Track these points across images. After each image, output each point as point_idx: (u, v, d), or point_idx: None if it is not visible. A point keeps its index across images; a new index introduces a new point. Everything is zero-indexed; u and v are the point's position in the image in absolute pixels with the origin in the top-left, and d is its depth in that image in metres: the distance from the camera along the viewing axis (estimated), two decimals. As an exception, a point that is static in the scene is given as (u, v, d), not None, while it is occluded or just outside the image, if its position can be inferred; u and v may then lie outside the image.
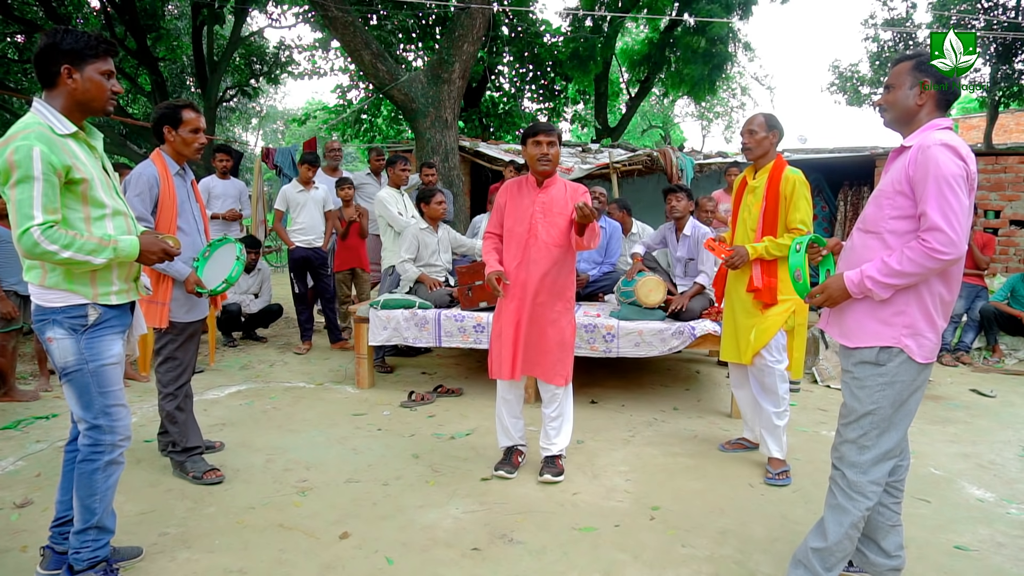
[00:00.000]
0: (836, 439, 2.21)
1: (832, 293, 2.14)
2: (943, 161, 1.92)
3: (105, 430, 2.17)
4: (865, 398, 2.09)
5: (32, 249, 1.97)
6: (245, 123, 27.56)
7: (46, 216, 1.98)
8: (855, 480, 2.11)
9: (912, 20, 10.69)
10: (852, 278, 2.08)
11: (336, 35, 7.35)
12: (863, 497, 2.11)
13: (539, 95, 14.10)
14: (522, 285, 3.11)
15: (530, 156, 3.09)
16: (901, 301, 2.04)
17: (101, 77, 2.13)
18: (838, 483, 2.17)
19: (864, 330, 2.10)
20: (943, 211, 1.91)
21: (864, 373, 2.10)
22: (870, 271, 2.04)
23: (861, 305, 2.12)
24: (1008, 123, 16.70)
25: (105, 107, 2.18)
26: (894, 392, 2.06)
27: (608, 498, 3.05)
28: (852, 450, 2.13)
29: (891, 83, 2.13)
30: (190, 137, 3.01)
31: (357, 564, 2.45)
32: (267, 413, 4.24)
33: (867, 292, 2.06)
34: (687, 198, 4.54)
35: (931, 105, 2.07)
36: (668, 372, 5.44)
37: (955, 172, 1.92)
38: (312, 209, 5.85)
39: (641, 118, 24.10)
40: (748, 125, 3.24)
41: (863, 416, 2.10)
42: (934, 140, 1.96)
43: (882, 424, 2.08)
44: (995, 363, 5.96)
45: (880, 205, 2.09)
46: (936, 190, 1.92)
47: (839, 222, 8.68)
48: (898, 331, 2.04)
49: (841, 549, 2.14)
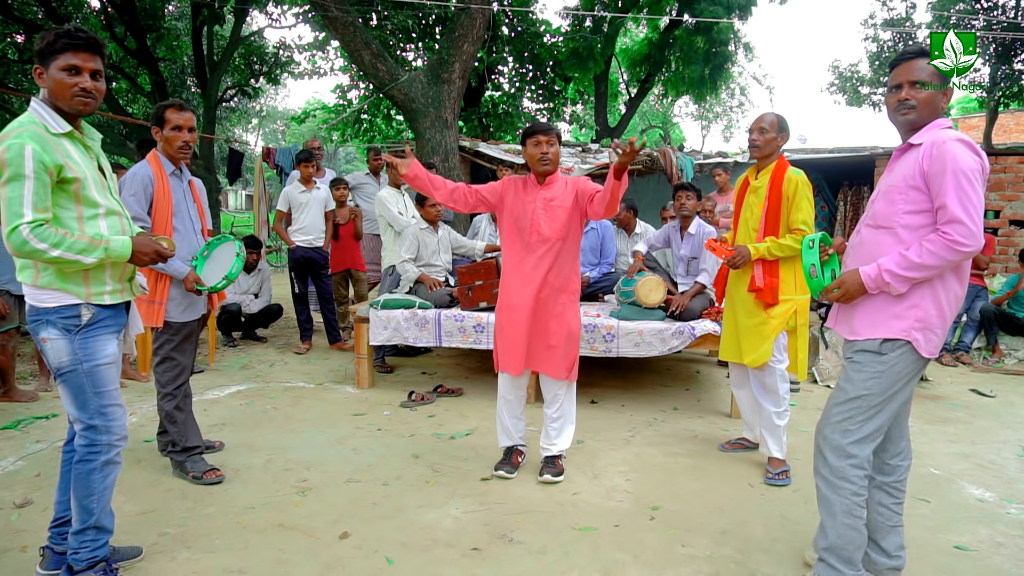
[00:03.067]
0: (821, 420, 2.23)
1: (849, 288, 2.13)
2: (961, 155, 1.94)
3: (101, 430, 2.17)
4: (859, 382, 2.12)
5: (21, 247, 1.97)
6: (245, 123, 27.57)
7: (36, 214, 1.98)
8: (836, 465, 2.13)
9: (912, 20, 10.69)
10: (869, 273, 2.08)
11: (336, 35, 7.35)
12: (846, 482, 2.12)
13: (539, 95, 14.10)
14: (525, 279, 3.10)
15: (530, 156, 3.09)
16: (915, 295, 2.05)
17: (62, 74, 2.05)
18: (821, 473, 2.19)
19: (875, 323, 2.11)
20: (963, 203, 1.93)
21: (864, 359, 2.12)
22: (888, 265, 2.03)
23: (873, 302, 2.12)
24: (1008, 123, 16.71)
25: (72, 104, 2.08)
26: (887, 381, 2.09)
27: (608, 498, 3.04)
28: (835, 432, 2.15)
29: (924, 80, 2.05)
30: (172, 135, 2.99)
31: (357, 564, 2.45)
32: (267, 413, 4.23)
33: (884, 286, 2.06)
34: (696, 197, 4.58)
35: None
36: (668, 372, 5.44)
37: (972, 166, 1.94)
38: (314, 209, 5.85)
39: (641, 118, 24.10)
40: (759, 123, 3.23)
41: (852, 399, 2.12)
42: (949, 136, 1.98)
43: (869, 411, 2.11)
44: (995, 363, 5.96)
45: (892, 200, 2.09)
46: (955, 183, 1.93)
47: (839, 222, 8.68)
48: (909, 324, 2.05)
49: (848, 541, 2.13)
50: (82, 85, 2.08)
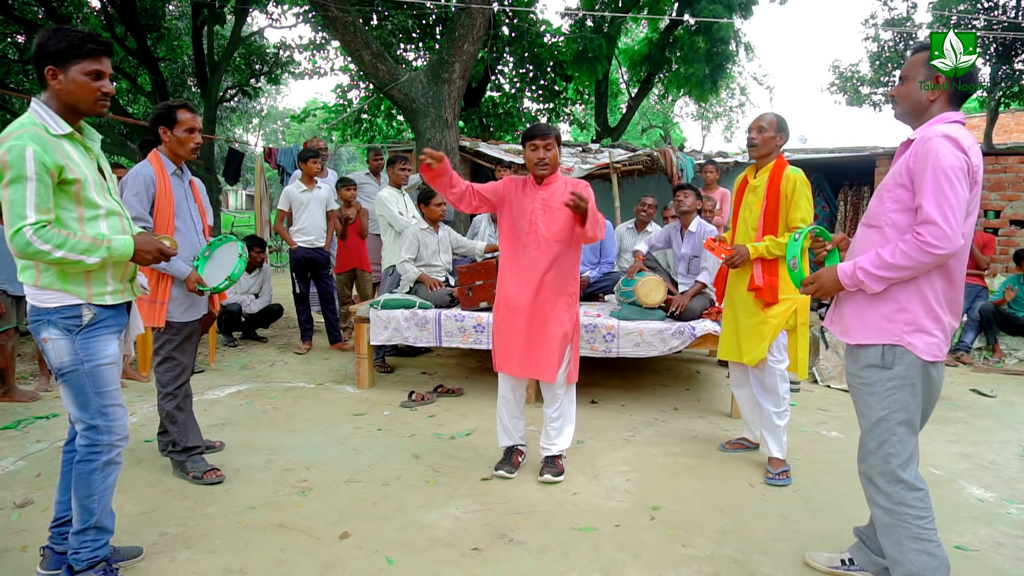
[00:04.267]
0: (859, 455, 2.13)
1: (824, 284, 2.11)
2: (943, 153, 1.86)
3: (102, 430, 2.17)
4: (875, 404, 2.02)
5: (25, 249, 1.97)
6: (246, 123, 27.57)
7: (39, 216, 1.98)
8: (890, 491, 2.01)
9: (912, 20, 10.69)
10: (845, 269, 2.05)
11: (336, 35, 7.35)
12: (905, 507, 2.00)
13: (539, 95, 14.10)
14: (523, 281, 3.10)
15: (528, 160, 3.10)
16: (902, 297, 1.99)
17: (86, 78, 2.08)
18: (878, 503, 2.06)
19: (866, 326, 2.05)
20: (939, 204, 1.85)
21: (873, 377, 2.03)
22: (863, 263, 1.99)
23: (862, 300, 2.06)
24: (1008, 123, 16.71)
25: (94, 108, 2.14)
26: (906, 395, 1.99)
27: (608, 498, 3.04)
28: (878, 459, 2.03)
29: (905, 74, 2.05)
30: (185, 137, 3.00)
31: (357, 564, 2.45)
32: (267, 413, 4.24)
33: (860, 284, 2.01)
34: (695, 196, 4.58)
35: (943, 100, 2.00)
36: (668, 372, 5.44)
37: (954, 164, 1.85)
38: (315, 209, 5.85)
39: (641, 118, 24.11)
40: (758, 122, 3.24)
41: (878, 422, 2.02)
42: (936, 132, 1.90)
43: (899, 429, 2.00)
44: (995, 363, 5.96)
45: (882, 199, 2.05)
46: (934, 182, 1.86)
47: (839, 222, 8.69)
48: (900, 327, 1.99)
49: (923, 566, 1.98)
50: (104, 89, 2.13)
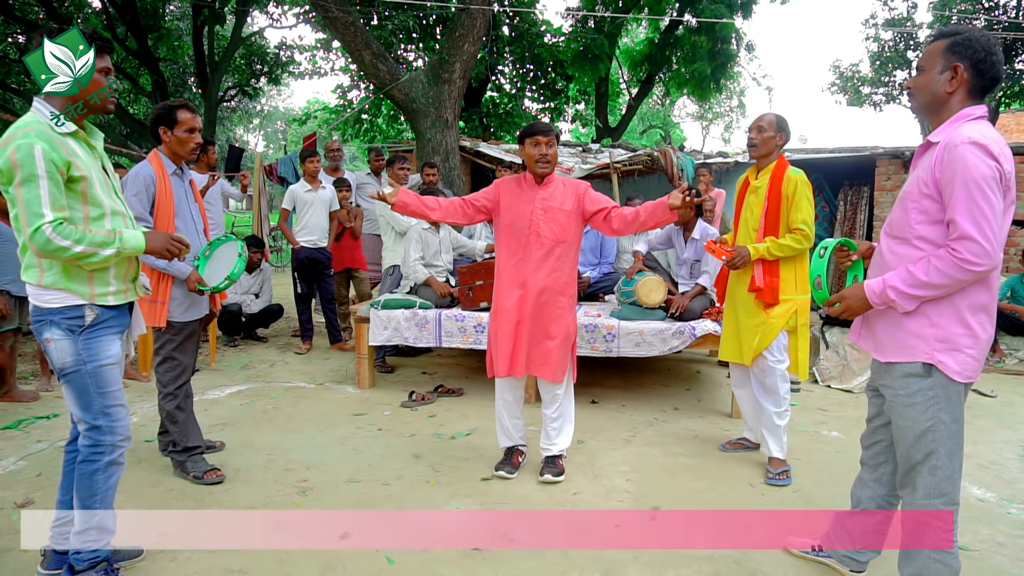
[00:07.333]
0: (898, 477, 2.02)
1: (851, 303, 1.97)
2: (972, 162, 1.73)
3: (105, 431, 2.17)
4: (918, 415, 1.89)
5: (45, 246, 1.98)
6: (246, 123, 27.58)
7: (56, 213, 2.00)
8: (928, 505, 1.90)
9: (913, 20, 10.70)
10: (873, 287, 1.92)
11: (337, 35, 7.35)
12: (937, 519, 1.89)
13: (540, 95, 14.11)
14: (523, 282, 3.09)
15: (528, 156, 3.07)
16: (933, 312, 1.85)
17: (98, 75, 2.11)
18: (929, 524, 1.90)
19: (897, 343, 1.93)
20: (974, 218, 1.72)
21: (911, 387, 1.90)
22: (893, 280, 1.86)
23: (893, 315, 1.93)
24: (1008, 123, 16.69)
25: (105, 105, 2.17)
26: (953, 405, 1.86)
27: (608, 498, 3.05)
28: (923, 472, 1.90)
29: (922, 64, 1.91)
30: (185, 137, 3.00)
31: (357, 564, 2.45)
32: (268, 413, 4.24)
33: (890, 303, 1.88)
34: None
35: (963, 92, 1.85)
36: (668, 372, 5.44)
37: (986, 174, 1.72)
38: (318, 209, 5.85)
39: (641, 119, 24.11)
40: (758, 122, 3.23)
41: (923, 434, 1.89)
42: (962, 138, 1.76)
43: (947, 441, 1.87)
44: (995, 363, 5.95)
45: (906, 209, 1.91)
46: (965, 195, 1.73)
47: (839, 222, 8.68)
48: (931, 345, 1.85)
49: (937, 574, 1.92)
50: (111, 84, 2.18)
